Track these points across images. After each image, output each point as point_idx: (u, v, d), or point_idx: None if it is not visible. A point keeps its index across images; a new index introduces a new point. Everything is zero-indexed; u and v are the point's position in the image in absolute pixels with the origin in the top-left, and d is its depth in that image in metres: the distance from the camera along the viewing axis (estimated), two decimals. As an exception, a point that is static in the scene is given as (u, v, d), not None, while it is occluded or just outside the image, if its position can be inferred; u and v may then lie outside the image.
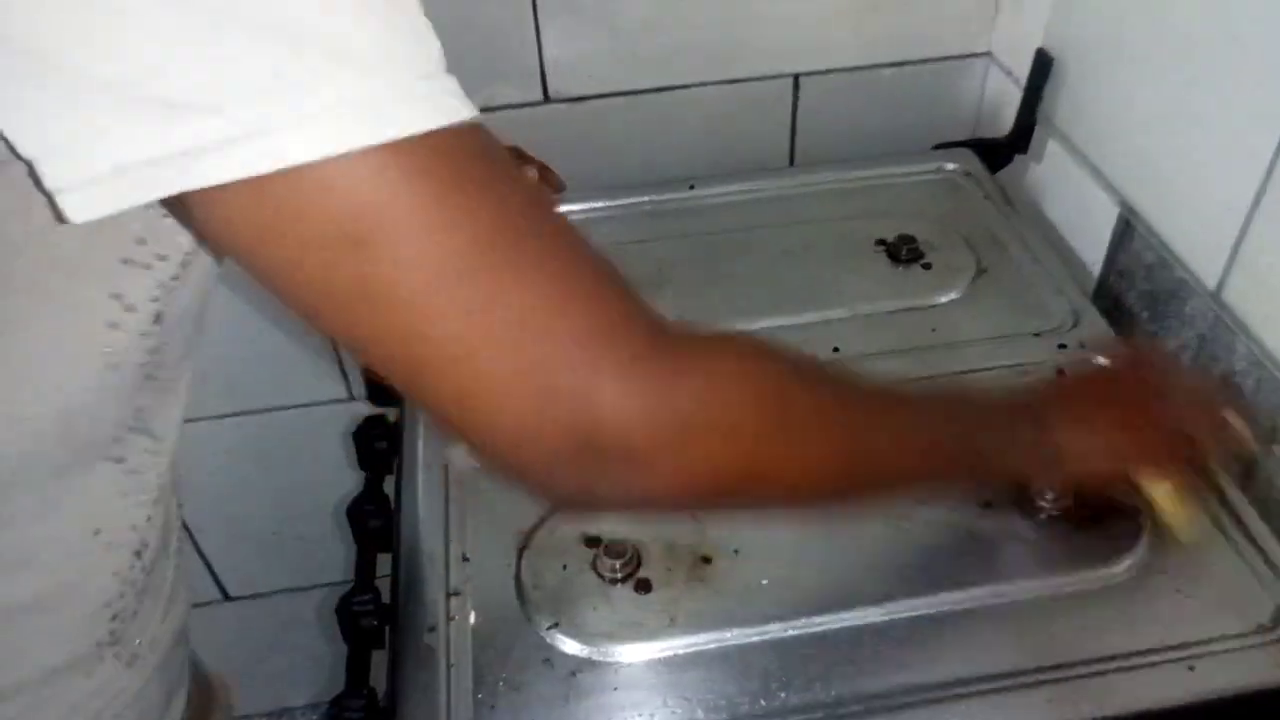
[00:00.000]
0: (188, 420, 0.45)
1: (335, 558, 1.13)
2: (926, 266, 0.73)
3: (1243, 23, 0.59)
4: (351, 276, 0.29)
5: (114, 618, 0.44)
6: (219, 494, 1.05)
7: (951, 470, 0.47)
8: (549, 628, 0.52)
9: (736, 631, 0.51)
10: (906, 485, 0.48)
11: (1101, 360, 0.59)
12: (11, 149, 0.27)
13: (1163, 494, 0.52)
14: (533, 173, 0.75)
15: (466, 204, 0.30)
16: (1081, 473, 0.52)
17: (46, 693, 0.43)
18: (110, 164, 0.26)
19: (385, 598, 0.58)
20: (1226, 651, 0.49)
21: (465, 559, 0.56)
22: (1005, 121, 0.84)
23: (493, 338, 0.31)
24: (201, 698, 0.64)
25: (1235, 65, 0.60)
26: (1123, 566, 0.53)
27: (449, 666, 0.50)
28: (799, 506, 0.46)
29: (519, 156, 0.76)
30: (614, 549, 0.54)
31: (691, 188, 0.82)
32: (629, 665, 0.50)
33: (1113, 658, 0.49)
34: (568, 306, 0.32)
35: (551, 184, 0.77)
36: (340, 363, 0.98)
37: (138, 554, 0.44)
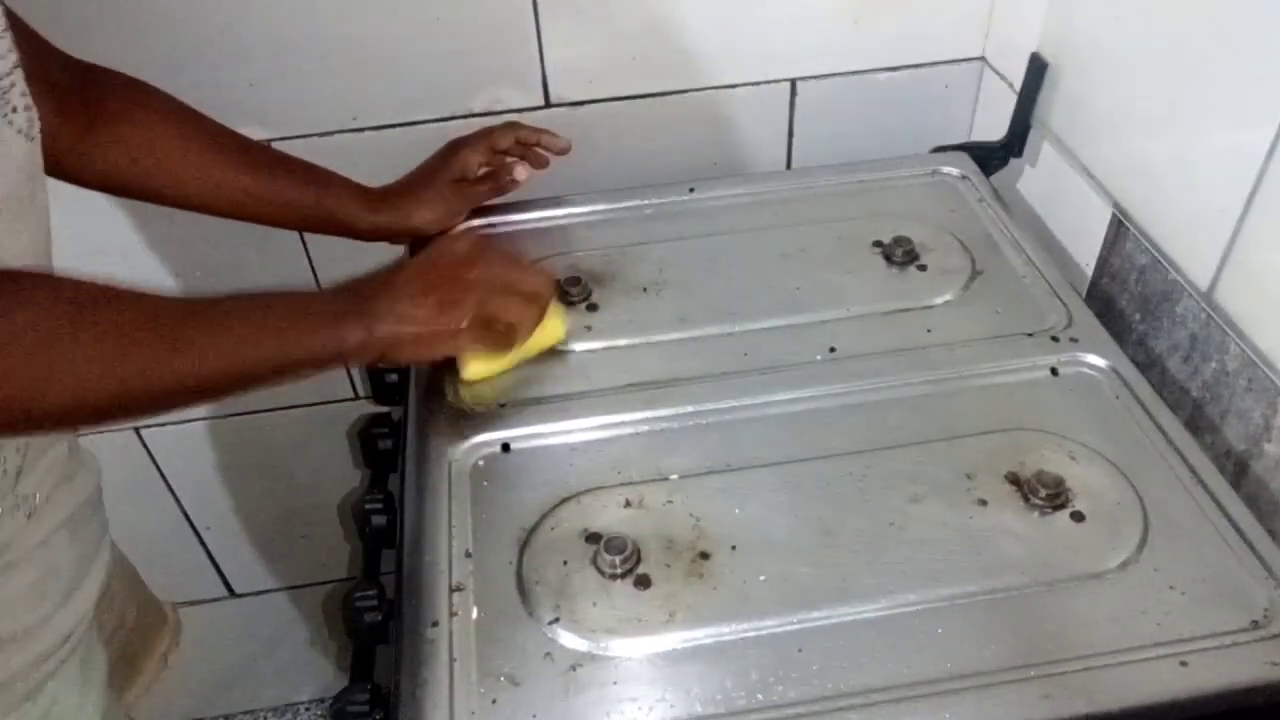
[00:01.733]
0: (192, 419, 0.48)
1: (340, 555, 1.14)
2: (922, 268, 0.74)
3: (1234, 27, 0.59)
4: None
5: None
6: (225, 492, 1.06)
7: (259, 370, 0.53)
8: (550, 623, 0.52)
9: (735, 626, 0.52)
10: (215, 387, 0.51)
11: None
12: None
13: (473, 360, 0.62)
14: (522, 171, 0.77)
15: None
16: (405, 358, 0.58)
17: None
18: None
19: (389, 594, 0.59)
20: (1219, 648, 0.50)
21: (468, 555, 0.56)
22: (1000, 125, 0.85)
23: None
24: (148, 618, 0.69)
25: (1227, 69, 0.60)
26: (1116, 562, 0.54)
27: (452, 661, 0.51)
28: (84, 418, 0.51)
29: (516, 128, 0.77)
30: (614, 545, 0.54)
31: (691, 191, 0.83)
32: (629, 660, 0.51)
33: (1105, 653, 0.50)
34: None
35: (553, 147, 0.78)
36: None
37: None
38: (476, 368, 0.64)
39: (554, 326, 0.66)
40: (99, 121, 0.62)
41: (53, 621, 0.54)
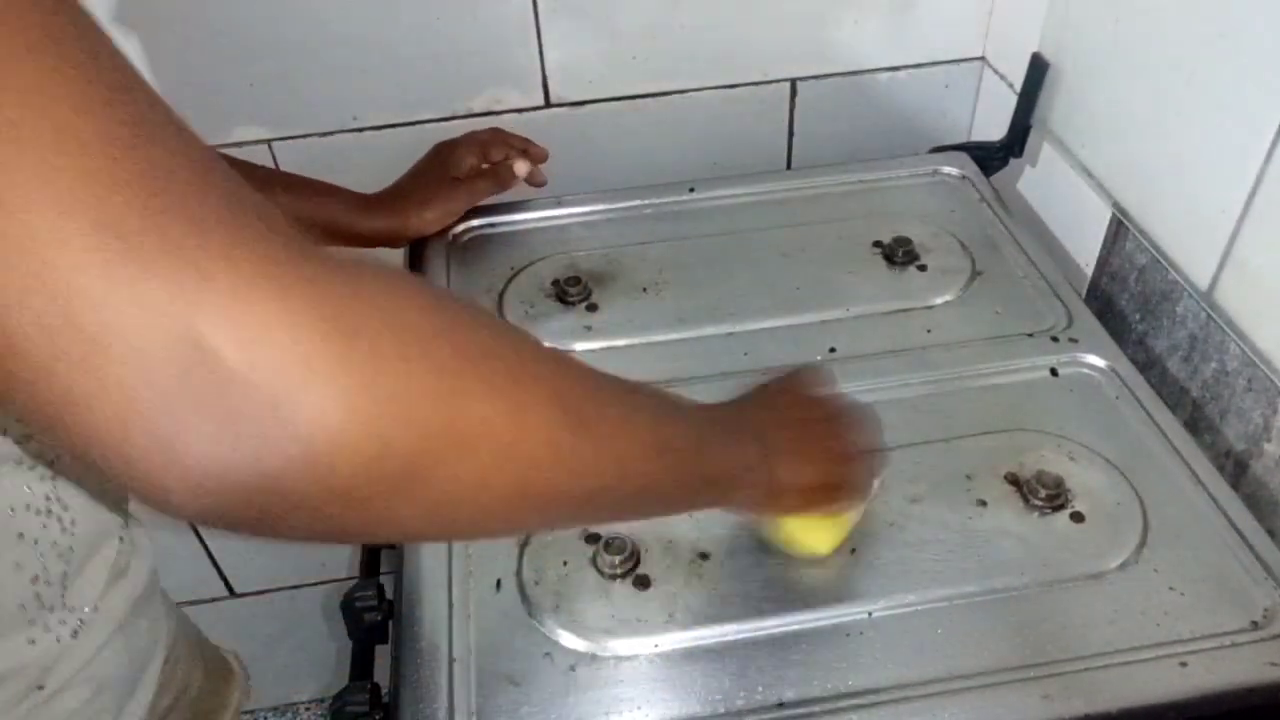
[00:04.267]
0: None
1: (339, 554, 1.14)
2: (922, 268, 0.74)
3: (1234, 27, 0.59)
4: None
5: (33, 580, 0.42)
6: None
7: (677, 487, 0.39)
8: (550, 623, 0.52)
9: (734, 627, 0.52)
10: (629, 493, 0.36)
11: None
12: None
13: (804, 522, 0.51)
14: (522, 167, 0.77)
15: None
16: (793, 509, 0.49)
17: None
18: None
19: (389, 594, 0.59)
20: (1218, 648, 0.50)
21: (468, 554, 0.56)
22: (1000, 125, 0.85)
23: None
24: (215, 676, 0.64)
25: (1227, 69, 0.60)
26: (1115, 563, 0.54)
27: (451, 661, 0.51)
28: (469, 514, 0.30)
29: (502, 134, 0.77)
30: (614, 546, 0.54)
31: (691, 191, 0.83)
32: (628, 660, 0.51)
33: (1104, 654, 0.50)
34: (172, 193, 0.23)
35: (535, 156, 0.78)
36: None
37: (50, 516, 0.43)
38: (828, 536, 0.53)
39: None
40: None
41: None
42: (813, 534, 0.53)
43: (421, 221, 0.75)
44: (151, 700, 0.51)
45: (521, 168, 0.77)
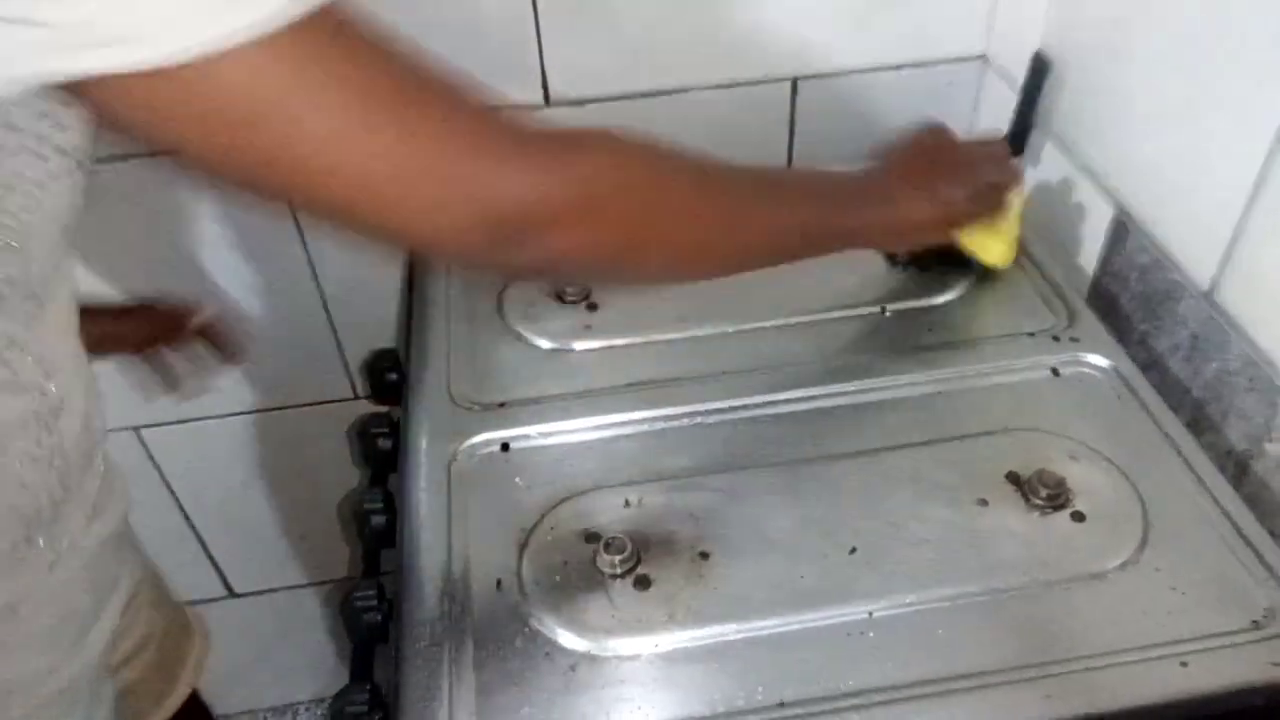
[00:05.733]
0: (195, 419, 0.47)
1: (339, 554, 1.14)
2: (923, 268, 0.74)
3: (1238, 27, 0.59)
4: (251, 148, 0.35)
5: (27, 524, 0.47)
6: (225, 492, 1.06)
7: (816, 244, 0.58)
8: (550, 623, 0.52)
9: (734, 626, 0.52)
10: (778, 255, 0.56)
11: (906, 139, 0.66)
12: None
13: (979, 235, 0.67)
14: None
15: (339, 70, 0.36)
16: (927, 237, 0.65)
17: None
18: None
19: (389, 593, 0.59)
20: (1219, 648, 0.50)
21: (467, 555, 0.56)
22: (1001, 124, 0.85)
23: (395, 163, 0.37)
24: (176, 630, 0.68)
25: (1230, 69, 0.60)
26: (1116, 563, 0.54)
27: (451, 661, 0.51)
28: (685, 273, 0.53)
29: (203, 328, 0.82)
30: (614, 545, 0.54)
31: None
32: (628, 660, 0.51)
33: (1105, 654, 0.50)
34: (451, 122, 0.39)
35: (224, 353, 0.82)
36: (345, 363, 0.98)
37: (51, 468, 0.47)
38: (998, 249, 0.69)
39: (1018, 194, 0.69)
40: None
41: (63, 666, 0.52)
42: (984, 248, 0.68)
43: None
44: (111, 633, 0.56)
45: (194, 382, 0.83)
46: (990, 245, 0.68)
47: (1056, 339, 0.67)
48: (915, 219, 0.60)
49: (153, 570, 0.69)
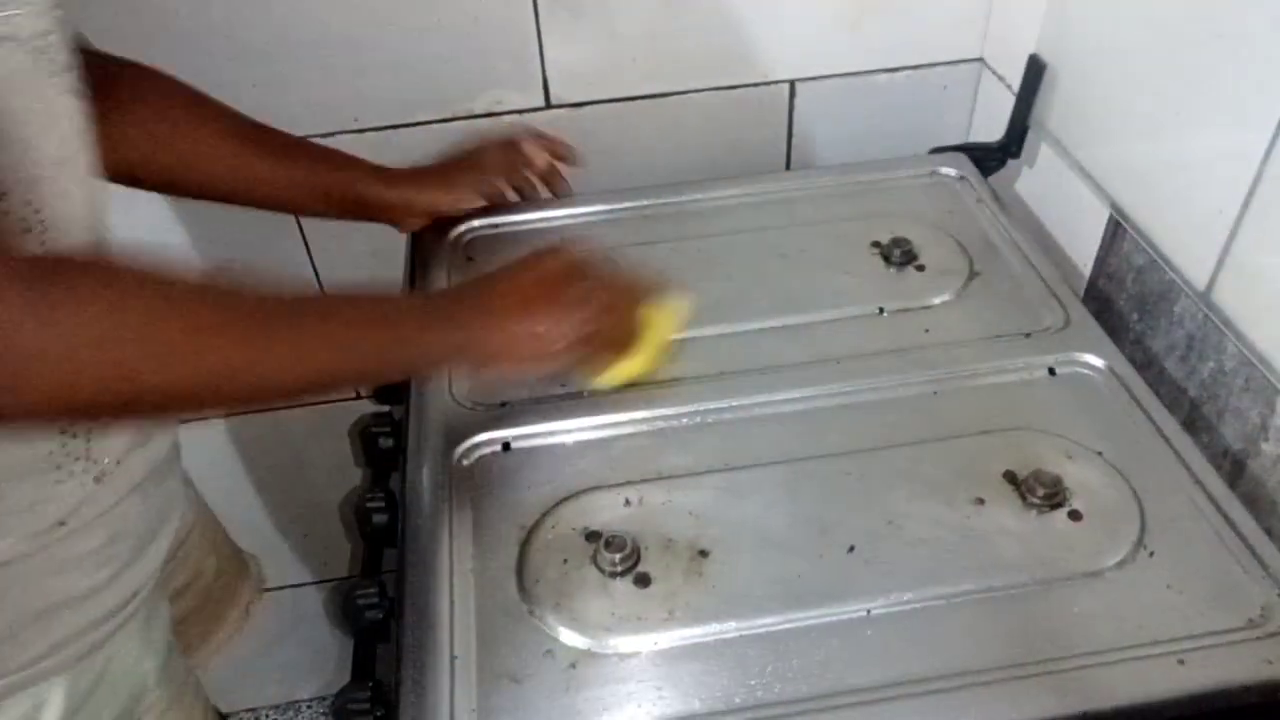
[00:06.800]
0: (198, 419, 0.48)
1: (341, 553, 1.14)
2: (920, 269, 0.74)
3: (1232, 29, 0.60)
4: None
5: (62, 431, 0.49)
6: (228, 491, 1.06)
7: (360, 371, 0.53)
8: (550, 620, 0.53)
9: (734, 625, 0.52)
10: (309, 387, 0.50)
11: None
12: None
13: (612, 369, 0.62)
14: (544, 192, 0.79)
15: None
16: (500, 366, 0.58)
17: (5, 489, 0.48)
18: None
19: (390, 592, 0.59)
20: (1216, 646, 0.50)
21: (468, 554, 0.56)
22: (998, 126, 0.85)
23: None
24: (229, 571, 0.69)
25: (1224, 70, 0.61)
26: (1112, 561, 0.54)
27: (452, 659, 0.51)
28: (186, 411, 0.47)
29: (543, 141, 0.79)
30: (614, 544, 0.54)
31: (691, 191, 0.83)
32: (628, 657, 0.51)
33: (1102, 652, 0.50)
34: None
35: (560, 155, 0.80)
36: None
37: None
38: (636, 368, 0.63)
39: (666, 321, 0.64)
40: (111, 108, 0.61)
41: (115, 584, 0.54)
42: (619, 374, 0.63)
43: (434, 200, 0.76)
44: (163, 562, 0.58)
45: (544, 191, 0.79)
46: (624, 369, 0.63)
47: (1053, 339, 0.67)
48: (491, 348, 0.55)
49: (211, 516, 0.72)
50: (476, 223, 0.81)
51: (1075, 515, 0.56)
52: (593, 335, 0.58)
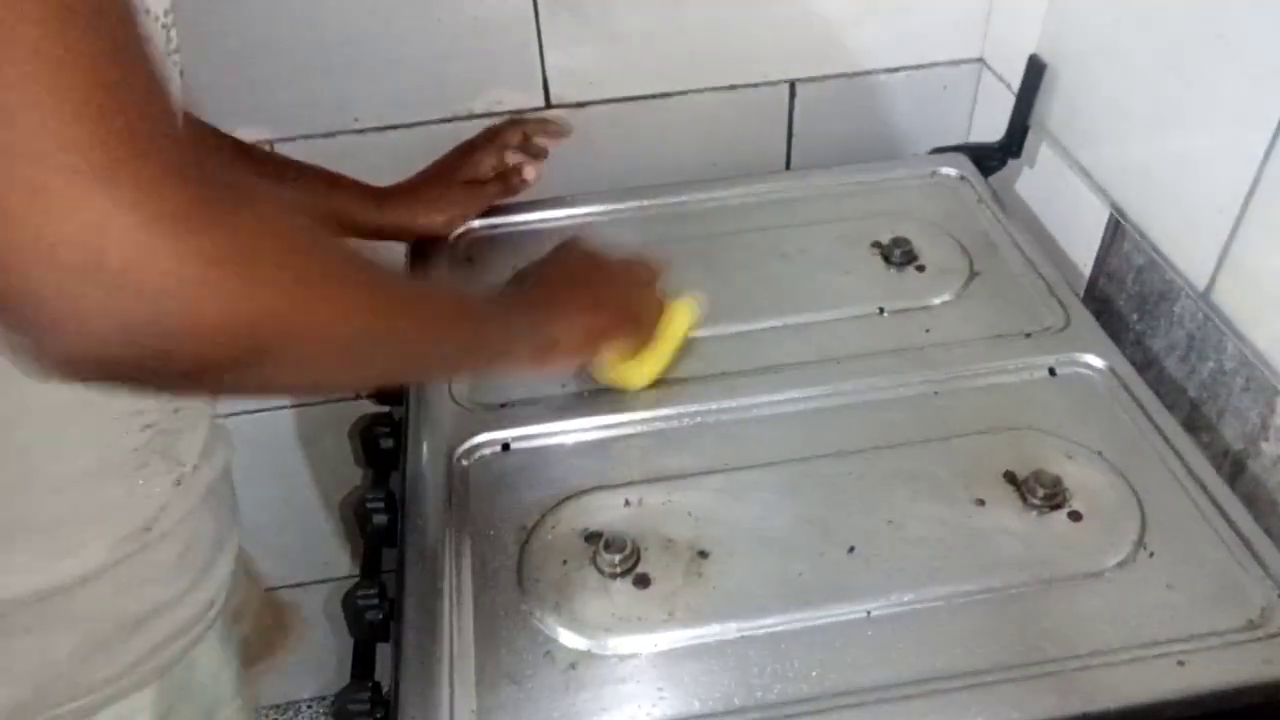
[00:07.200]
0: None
1: (341, 554, 1.14)
2: (920, 269, 0.74)
3: (1232, 29, 0.60)
4: None
5: (146, 427, 0.47)
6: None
7: (465, 361, 0.55)
8: (550, 621, 0.53)
9: (733, 625, 0.52)
10: (419, 369, 0.52)
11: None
12: None
13: (621, 366, 0.63)
14: (531, 172, 0.79)
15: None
16: (570, 361, 0.61)
17: (89, 486, 0.47)
18: None
19: (390, 592, 0.59)
20: (1216, 647, 0.50)
21: (468, 554, 0.57)
22: (998, 126, 0.85)
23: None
24: (269, 614, 0.69)
25: (1224, 70, 0.61)
26: (1113, 562, 0.54)
27: (452, 659, 0.51)
28: (314, 377, 0.42)
29: (520, 122, 0.79)
30: (614, 545, 0.54)
31: (691, 191, 0.83)
32: (628, 658, 0.51)
33: (1102, 652, 0.50)
34: (60, 107, 0.28)
35: (553, 133, 0.80)
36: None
37: None
38: (639, 373, 0.64)
39: (685, 312, 0.66)
40: None
41: (194, 593, 0.54)
42: (625, 376, 0.64)
43: (430, 223, 0.77)
44: (230, 572, 0.57)
45: (530, 172, 0.79)
46: (633, 372, 0.64)
47: (1053, 339, 0.67)
48: (562, 343, 0.57)
49: (247, 555, 0.69)
50: (476, 224, 0.81)
51: (1075, 515, 0.56)
52: (625, 321, 0.61)
